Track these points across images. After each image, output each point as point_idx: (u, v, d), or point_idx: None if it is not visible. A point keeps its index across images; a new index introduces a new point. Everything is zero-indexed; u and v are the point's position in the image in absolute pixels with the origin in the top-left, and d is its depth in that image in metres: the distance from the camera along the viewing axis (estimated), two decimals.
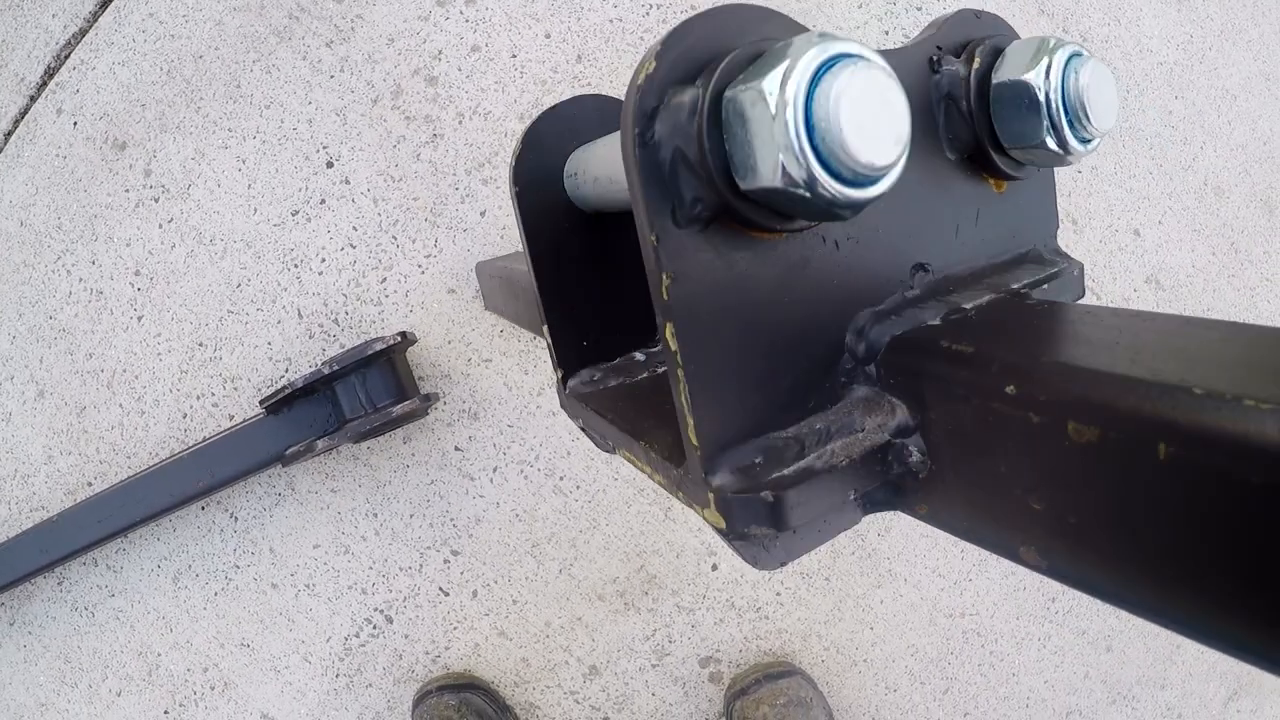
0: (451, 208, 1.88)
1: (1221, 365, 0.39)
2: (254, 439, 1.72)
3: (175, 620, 1.94)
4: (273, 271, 1.88)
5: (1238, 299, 2.30)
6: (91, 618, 1.91)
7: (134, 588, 1.88)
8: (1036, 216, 0.70)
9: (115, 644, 1.89)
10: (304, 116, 1.90)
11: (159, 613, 1.93)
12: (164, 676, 1.92)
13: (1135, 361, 0.42)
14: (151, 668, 1.95)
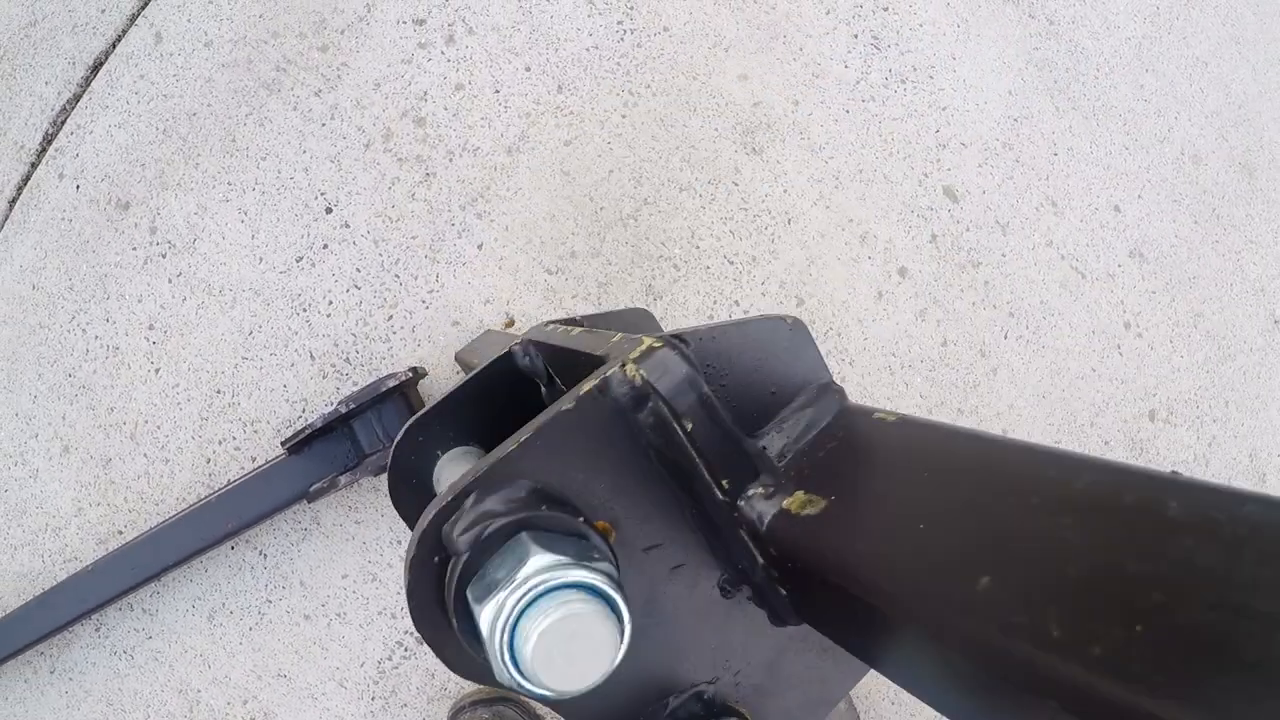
0: (449, 243, 1.77)
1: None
2: (277, 479, 1.63)
3: (213, 657, 1.80)
4: (282, 317, 1.76)
5: (1223, 265, 2.11)
6: (131, 660, 1.76)
7: (170, 628, 1.74)
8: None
9: (155, 684, 1.74)
10: (300, 165, 1.76)
11: (196, 651, 1.79)
12: (205, 712, 1.79)
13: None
14: (193, 704, 1.81)
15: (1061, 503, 0.37)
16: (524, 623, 0.43)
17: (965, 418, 1.97)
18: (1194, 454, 2.10)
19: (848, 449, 0.52)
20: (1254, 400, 2.15)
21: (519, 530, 0.47)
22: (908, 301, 1.93)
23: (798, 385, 0.56)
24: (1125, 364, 2.05)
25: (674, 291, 1.86)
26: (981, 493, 0.41)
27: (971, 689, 0.36)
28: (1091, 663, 0.30)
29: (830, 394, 0.56)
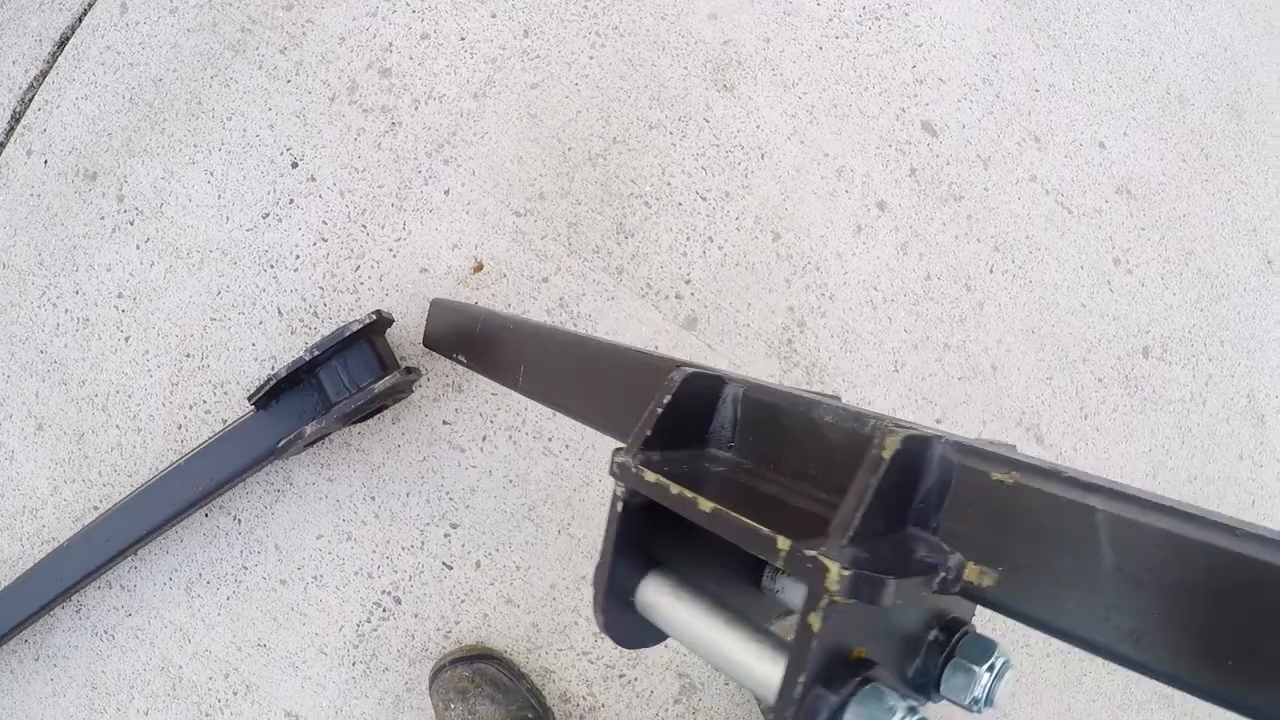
0: (416, 190, 1.61)
1: None
2: (246, 437, 1.47)
3: (192, 630, 1.62)
4: (250, 275, 1.60)
5: (1214, 204, 1.91)
6: (112, 640, 1.61)
7: (149, 604, 1.58)
8: None
9: (138, 663, 1.58)
10: (265, 123, 1.61)
11: (176, 625, 1.61)
12: (188, 688, 1.61)
13: None
14: (175, 681, 1.61)
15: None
16: None
17: (952, 353, 1.76)
18: (1190, 393, 1.89)
19: (988, 515, 0.51)
20: (1249, 340, 1.93)
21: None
22: (888, 235, 1.73)
23: (922, 471, 0.55)
24: (1116, 300, 1.84)
25: (645, 229, 1.66)
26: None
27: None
28: None
29: (948, 460, 0.54)
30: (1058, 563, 0.47)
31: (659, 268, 1.66)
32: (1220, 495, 1.92)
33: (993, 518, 0.50)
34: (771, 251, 1.70)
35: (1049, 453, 1.82)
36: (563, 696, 1.65)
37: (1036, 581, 0.48)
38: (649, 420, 0.64)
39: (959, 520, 0.52)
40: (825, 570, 0.47)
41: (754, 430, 0.67)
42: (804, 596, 0.48)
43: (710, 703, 1.69)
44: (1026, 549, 0.48)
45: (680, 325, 1.67)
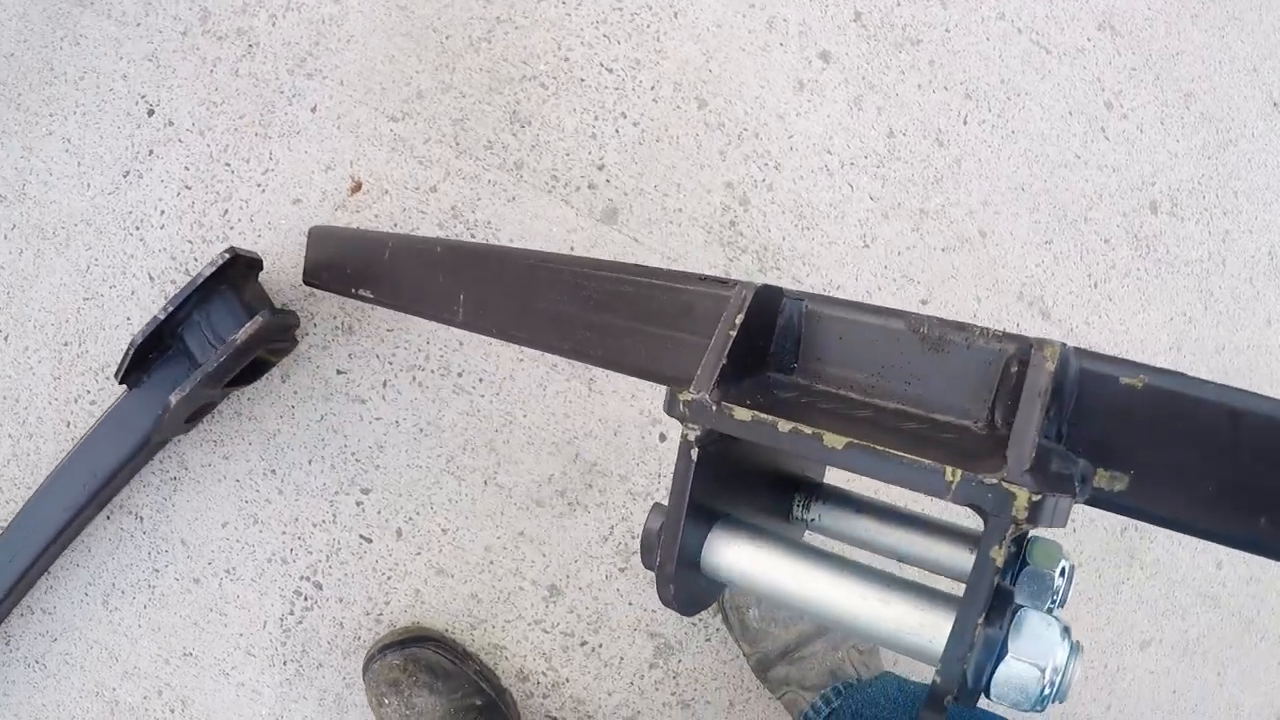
0: (280, 113, 1.03)
1: None
2: (122, 422, 0.96)
3: (118, 648, 1.06)
4: (116, 242, 1.03)
5: (1208, 41, 1.24)
6: (44, 669, 1.06)
7: (72, 625, 1.06)
8: None
9: (73, 690, 1.06)
10: (118, 74, 1.04)
11: (101, 644, 1.06)
12: (125, 712, 1.06)
13: None
14: (111, 705, 1.06)
15: None
16: (1066, 685, 0.36)
17: (931, 219, 1.10)
18: (1207, 251, 1.21)
19: (1115, 420, 0.39)
20: (1265, 190, 1.26)
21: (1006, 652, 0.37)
22: (837, 90, 1.08)
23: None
24: (1114, 149, 1.16)
25: (545, 114, 1.03)
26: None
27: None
28: None
29: (1071, 367, 0.39)
30: (1190, 462, 0.37)
31: (565, 156, 1.03)
32: (1252, 366, 1.26)
33: (1121, 423, 0.38)
34: (698, 121, 1.05)
35: (1058, 328, 1.16)
36: (519, 674, 1.03)
37: (1168, 482, 0.37)
38: (721, 348, 0.43)
39: (1085, 428, 0.39)
40: (1012, 498, 0.35)
41: (822, 349, 0.46)
42: (984, 528, 0.35)
43: (692, 663, 1.05)
44: (1157, 451, 0.37)
45: (598, 219, 1.03)
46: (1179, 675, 1.27)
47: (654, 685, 1.07)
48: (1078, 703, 1.23)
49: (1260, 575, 1.28)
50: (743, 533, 0.47)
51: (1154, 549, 1.22)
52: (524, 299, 0.66)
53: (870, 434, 0.39)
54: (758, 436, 0.40)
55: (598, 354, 0.59)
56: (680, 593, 0.45)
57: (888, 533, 0.53)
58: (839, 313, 0.46)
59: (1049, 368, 0.36)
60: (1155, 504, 0.38)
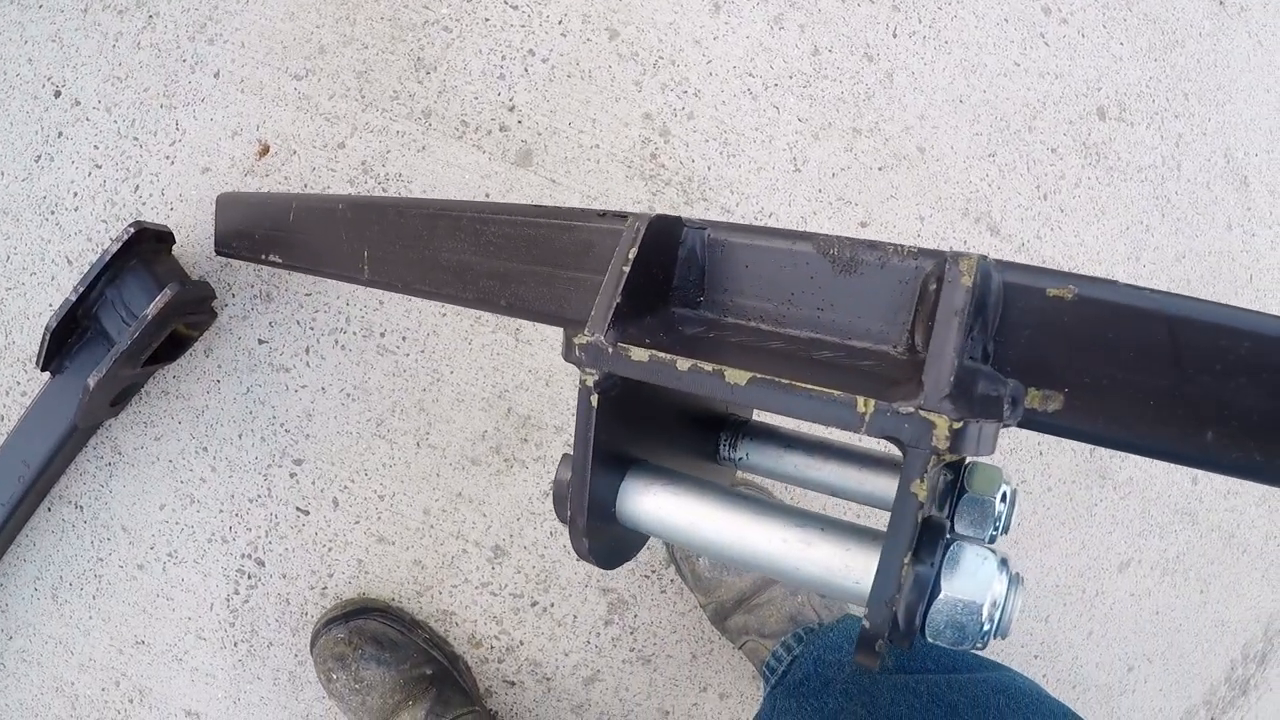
0: (183, 82, 0.97)
1: None
2: (48, 409, 0.89)
3: (71, 641, 1.01)
4: (33, 228, 0.97)
5: None
6: (3, 668, 1.00)
7: (25, 620, 1.01)
8: None
9: (33, 688, 1.01)
10: (23, 58, 0.98)
11: (55, 638, 1.00)
12: (86, 706, 1.01)
13: None
14: (72, 701, 1.01)
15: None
16: (1007, 618, 0.33)
17: (864, 138, 1.00)
18: (1160, 156, 1.12)
19: (1044, 336, 0.35)
20: (1215, 91, 1.16)
21: (940, 587, 0.34)
22: (755, 9, 0.98)
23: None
24: (1055, 55, 1.06)
25: (450, 58, 0.95)
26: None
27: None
28: None
29: (991, 277, 0.35)
30: (1129, 375, 0.34)
31: (473, 100, 0.95)
32: (1214, 273, 1.17)
33: (1051, 338, 0.35)
34: (611, 53, 0.96)
35: (1008, 245, 1.06)
36: (471, 640, 0.96)
37: (1106, 398, 0.34)
38: (615, 285, 0.39)
39: (1012, 346, 0.35)
40: (931, 426, 0.31)
41: (729, 280, 0.42)
42: (903, 461, 0.32)
43: (649, 617, 0.98)
44: (1093, 366, 0.34)
45: (512, 163, 0.95)
46: (1161, 595, 1.18)
47: (611, 642, 0.98)
48: (1058, 628, 1.15)
49: (1238, 488, 1.20)
50: (658, 479, 0.43)
51: (1126, 467, 1.13)
52: (425, 251, 0.61)
53: (778, 367, 0.36)
54: (657, 377, 0.37)
55: (502, 302, 0.55)
56: (596, 545, 0.42)
57: (819, 467, 0.49)
58: (743, 239, 0.42)
59: (965, 282, 0.33)
60: (1094, 423, 0.35)
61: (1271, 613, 1.27)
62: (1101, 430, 0.34)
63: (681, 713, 1.03)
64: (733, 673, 1.02)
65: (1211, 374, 0.32)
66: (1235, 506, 1.21)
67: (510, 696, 1.01)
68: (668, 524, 0.42)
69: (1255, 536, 1.23)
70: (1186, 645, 1.22)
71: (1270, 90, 1.21)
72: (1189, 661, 1.23)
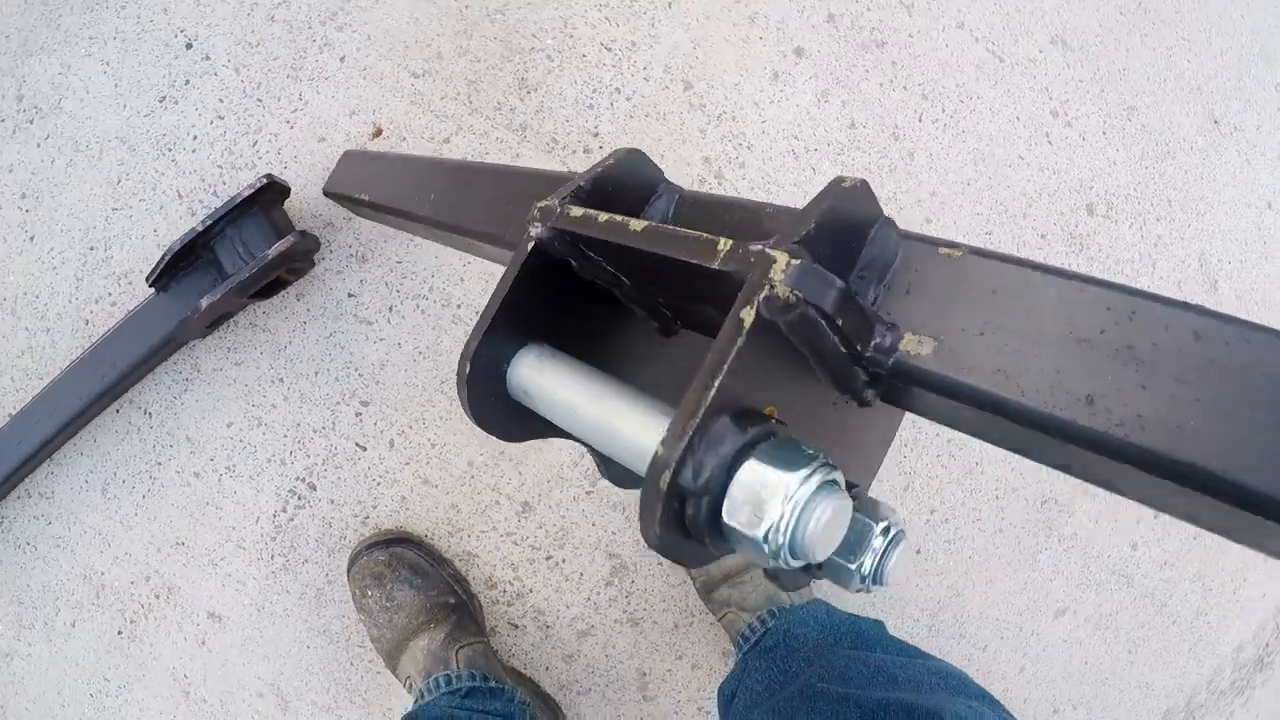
0: (311, 59, 1.36)
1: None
2: (146, 321, 1.25)
3: (111, 533, 1.36)
4: (149, 160, 1.34)
5: (1154, 59, 1.61)
6: (35, 551, 1.36)
7: (68, 510, 1.36)
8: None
9: (61, 573, 1.36)
10: (159, 6, 1.35)
11: (95, 529, 1.36)
12: (111, 595, 1.37)
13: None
14: (98, 589, 1.37)
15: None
16: (804, 524, 0.40)
17: (883, 204, 1.49)
18: (1139, 253, 1.59)
19: (929, 287, 0.46)
20: (1199, 201, 1.63)
21: (749, 455, 0.42)
22: (807, 83, 1.45)
23: (865, 231, 0.50)
24: (1056, 153, 1.55)
25: (549, 83, 1.40)
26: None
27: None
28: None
29: (889, 233, 0.50)
30: (1002, 328, 0.42)
31: (565, 122, 1.40)
32: None
33: (935, 292, 0.46)
34: (683, 101, 1.43)
35: None
36: (488, 581, 1.38)
37: (977, 348, 0.42)
38: (587, 175, 0.59)
39: (898, 299, 0.47)
40: (772, 260, 0.42)
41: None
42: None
43: (644, 584, 1.42)
44: (968, 316, 0.43)
45: None
46: (1091, 647, 1.64)
47: (608, 602, 1.43)
48: (994, 659, 1.59)
49: (1175, 561, 1.65)
50: (548, 355, 0.56)
51: (1071, 523, 1.60)
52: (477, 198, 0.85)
53: (679, 223, 0.54)
54: (585, 228, 0.51)
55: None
56: (476, 402, 0.55)
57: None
58: (703, 199, 0.62)
59: (822, 205, 0.45)
60: (962, 371, 0.41)
61: (1195, 685, 1.65)
62: (966, 381, 0.40)
63: (657, 675, 1.44)
64: (706, 646, 1.42)
65: (1094, 345, 0.37)
66: (1170, 578, 1.65)
67: (512, 638, 1.38)
68: (534, 394, 0.55)
69: (1186, 610, 1.68)
70: (1110, 699, 1.62)
71: (1251, 205, 1.69)
72: (1111, 716, 1.64)
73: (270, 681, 1.37)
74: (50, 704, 1.39)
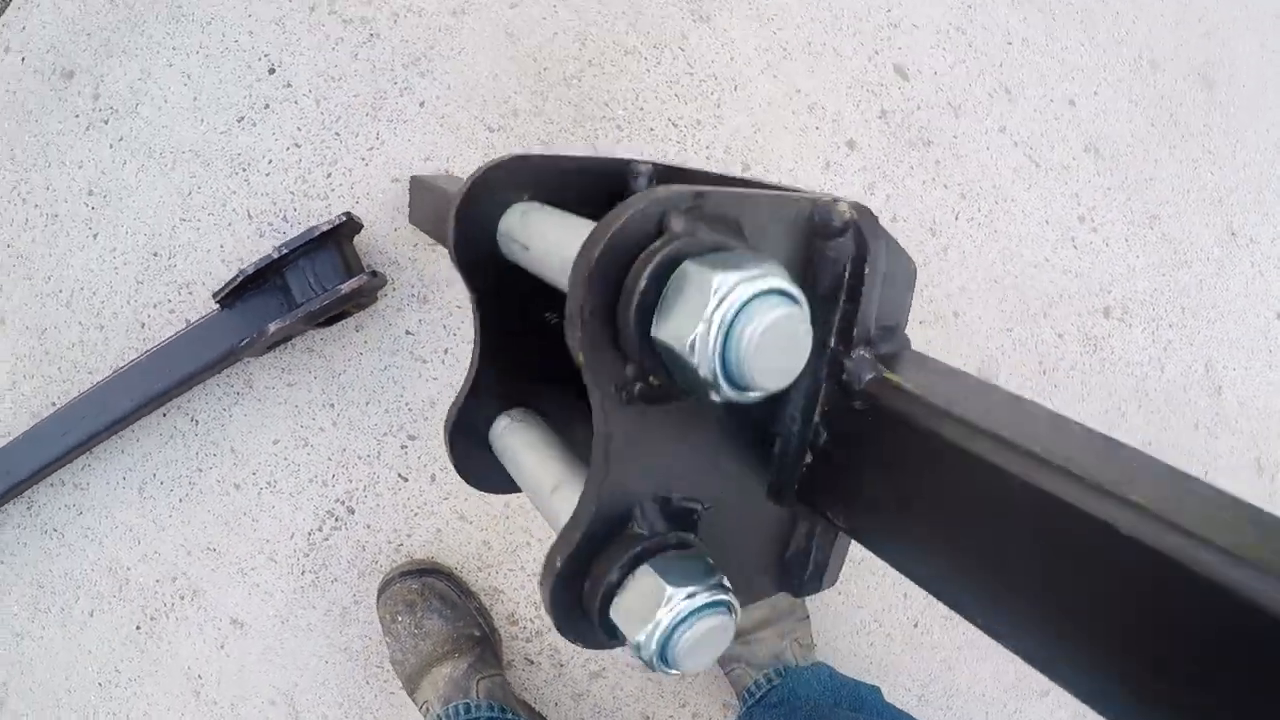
0: (391, 101, 1.52)
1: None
2: (209, 334, 1.40)
3: (142, 531, 1.52)
4: (221, 177, 1.50)
5: (1180, 170, 1.83)
6: (61, 539, 1.51)
7: (101, 503, 1.51)
8: None
9: (85, 563, 1.51)
10: (244, 29, 1.50)
11: (126, 526, 1.51)
12: (134, 591, 1.52)
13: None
14: (122, 583, 1.52)
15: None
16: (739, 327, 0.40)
17: (915, 296, 1.72)
18: (1149, 356, 1.82)
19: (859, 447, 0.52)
20: (1210, 309, 1.86)
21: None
22: (856, 174, 1.67)
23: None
24: (1079, 257, 1.78)
25: (618, 152, 1.61)
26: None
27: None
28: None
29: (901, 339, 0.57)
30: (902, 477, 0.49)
31: None
32: (1173, 463, 1.87)
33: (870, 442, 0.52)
34: None
35: None
36: (510, 618, 1.57)
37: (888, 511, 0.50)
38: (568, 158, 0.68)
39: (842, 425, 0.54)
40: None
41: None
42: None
43: None
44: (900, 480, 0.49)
45: None
46: None
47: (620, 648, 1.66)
48: None
49: None
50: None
51: None
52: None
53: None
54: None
55: None
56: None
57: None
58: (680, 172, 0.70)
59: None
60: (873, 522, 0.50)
61: None
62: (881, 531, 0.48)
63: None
64: (709, 697, 1.59)
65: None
66: None
67: (526, 673, 1.53)
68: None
69: None
70: None
71: (1260, 315, 1.92)
72: None
73: (284, 691, 1.54)
74: (56, 688, 1.53)
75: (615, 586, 0.50)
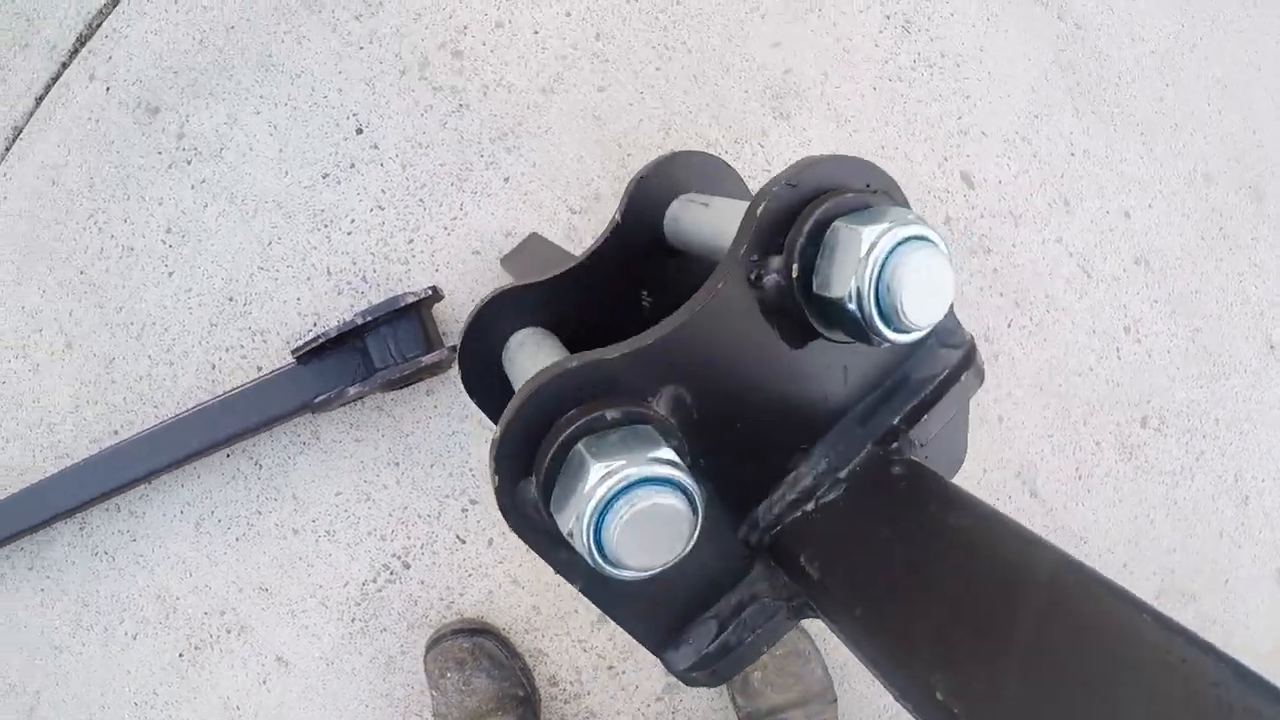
0: (477, 173, 1.68)
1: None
2: (284, 387, 1.57)
3: (195, 564, 1.69)
4: (303, 231, 1.66)
5: (1225, 283, 2.07)
6: (112, 562, 1.64)
7: (156, 532, 1.64)
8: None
9: (134, 588, 1.64)
10: (334, 85, 1.66)
11: (179, 557, 1.67)
12: (181, 620, 1.65)
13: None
14: (169, 611, 1.69)
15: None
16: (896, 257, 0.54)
17: None
18: (1181, 465, 2.05)
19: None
20: (1244, 421, 2.07)
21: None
22: None
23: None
24: (1123, 368, 2.04)
25: None
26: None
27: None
28: None
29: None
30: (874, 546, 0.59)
31: None
32: (1197, 569, 2.01)
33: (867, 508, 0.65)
34: None
35: (1040, 506, 2.00)
36: (551, 679, 1.81)
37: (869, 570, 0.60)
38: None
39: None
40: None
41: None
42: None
43: (690, 704, 1.87)
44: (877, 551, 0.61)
45: None
46: None
47: (655, 715, 1.87)
48: None
49: None
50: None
51: None
52: None
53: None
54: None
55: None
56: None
57: None
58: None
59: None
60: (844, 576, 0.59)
61: None
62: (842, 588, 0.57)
63: None
64: None
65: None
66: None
67: None
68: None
69: None
70: None
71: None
72: None
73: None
74: (90, 703, 1.70)
75: (555, 474, 0.50)
